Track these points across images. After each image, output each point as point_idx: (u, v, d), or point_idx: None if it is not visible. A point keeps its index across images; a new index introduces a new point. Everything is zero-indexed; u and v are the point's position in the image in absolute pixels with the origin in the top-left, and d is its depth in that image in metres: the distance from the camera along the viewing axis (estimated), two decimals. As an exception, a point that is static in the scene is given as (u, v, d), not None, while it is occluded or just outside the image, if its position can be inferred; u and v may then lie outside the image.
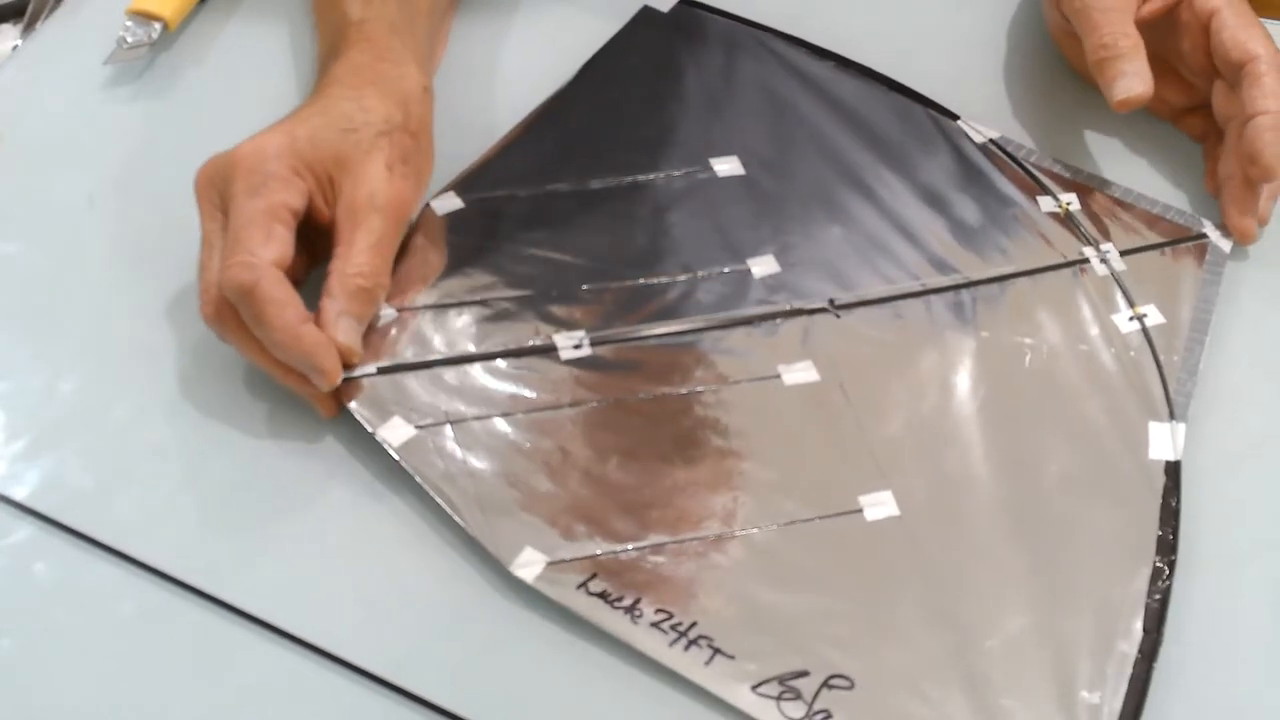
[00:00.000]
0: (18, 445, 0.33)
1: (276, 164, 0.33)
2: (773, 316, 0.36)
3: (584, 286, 0.36)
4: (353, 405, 0.33)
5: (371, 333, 0.34)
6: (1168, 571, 0.32)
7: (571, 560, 0.31)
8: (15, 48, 0.44)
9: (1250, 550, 0.33)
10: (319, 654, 0.30)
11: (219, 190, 0.34)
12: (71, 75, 0.43)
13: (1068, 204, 0.40)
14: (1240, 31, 0.38)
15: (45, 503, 0.32)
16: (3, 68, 0.43)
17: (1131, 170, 0.41)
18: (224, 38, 0.45)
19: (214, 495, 0.33)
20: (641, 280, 0.37)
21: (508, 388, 0.34)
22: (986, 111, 0.43)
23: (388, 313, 0.35)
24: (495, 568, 0.31)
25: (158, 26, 0.43)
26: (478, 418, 0.33)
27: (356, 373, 0.34)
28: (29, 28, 0.45)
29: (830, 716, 0.29)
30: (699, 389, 0.35)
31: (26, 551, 0.31)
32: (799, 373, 0.35)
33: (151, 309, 0.36)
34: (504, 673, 0.30)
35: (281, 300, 0.31)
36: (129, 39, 0.43)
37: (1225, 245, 0.39)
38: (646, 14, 0.45)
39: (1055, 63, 0.45)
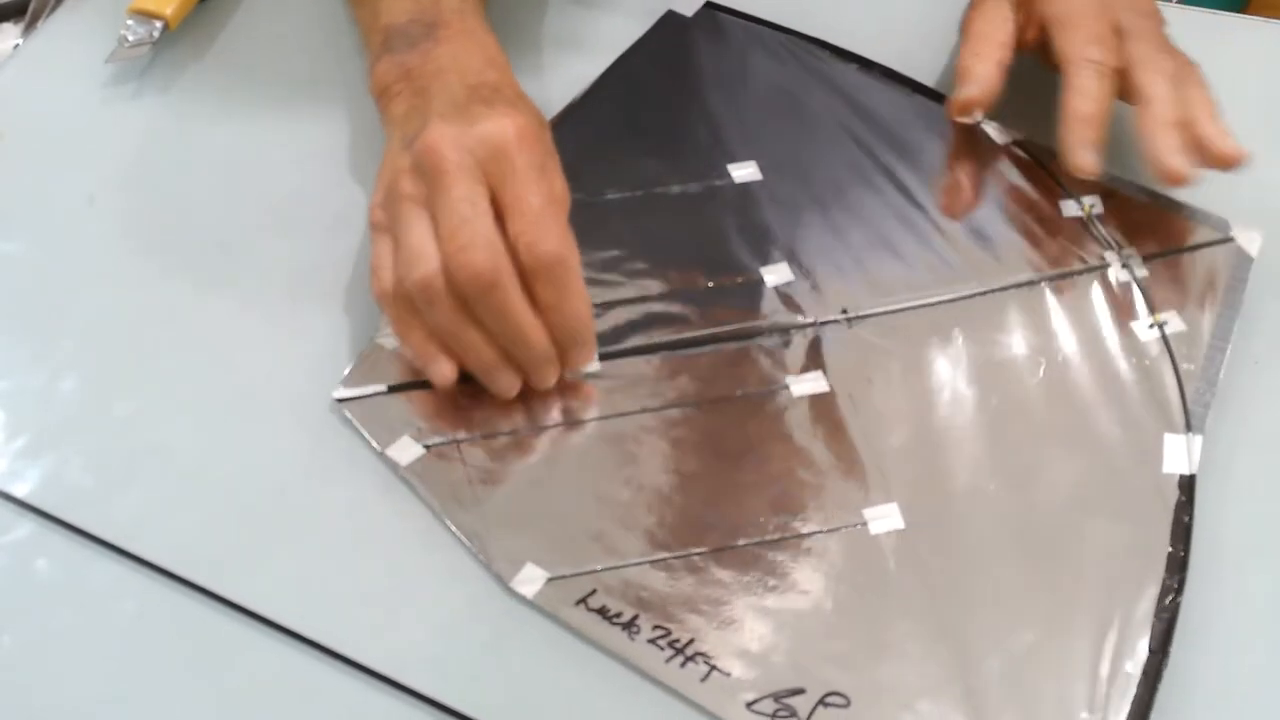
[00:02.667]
0: (18, 443, 0.37)
1: (545, 148, 0.36)
2: (785, 327, 0.39)
3: (596, 301, 0.39)
4: (361, 424, 0.36)
5: (382, 353, 0.38)
6: (1177, 590, 0.34)
7: (572, 576, 0.34)
8: (16, 47, 0.48)
9: (1265, 569, 0.35)
10: (321, 651, 0.33)
11: (479, 158, 0.35)
12: (73, 74, 0.46)
13: (1090, 207, 0.43)
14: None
15: (46, 500, 0.35)
16: (4, 67, 0.47)
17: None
18: (224, 37, 0.48)
19: (215, 493, 0.36)
20: (654, 292, 0.40)
21: (514, 405, 0.37)
22: (1009, 113, 0.45)
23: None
24: (495, 568, 0.34)
25: (159, 25, 0.47)
26: (485, 436, 0.36)
27: (367, 390, 0.37)
28: (30, 27, 0.49)
29: (824, 734, 0.31)
30: (707, 401, 0.38)
31: (27, 549, 0.35)
32: (808, 383, 0.38)
33: (152, 308, 0.40)
34: (506, 671, 0.33)
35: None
36: (130, 38, 0.46)
37: (1252, 250, 0.41)
38: (670, 18, 0.48)
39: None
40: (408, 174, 0.36)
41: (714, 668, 0.32)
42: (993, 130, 0.45)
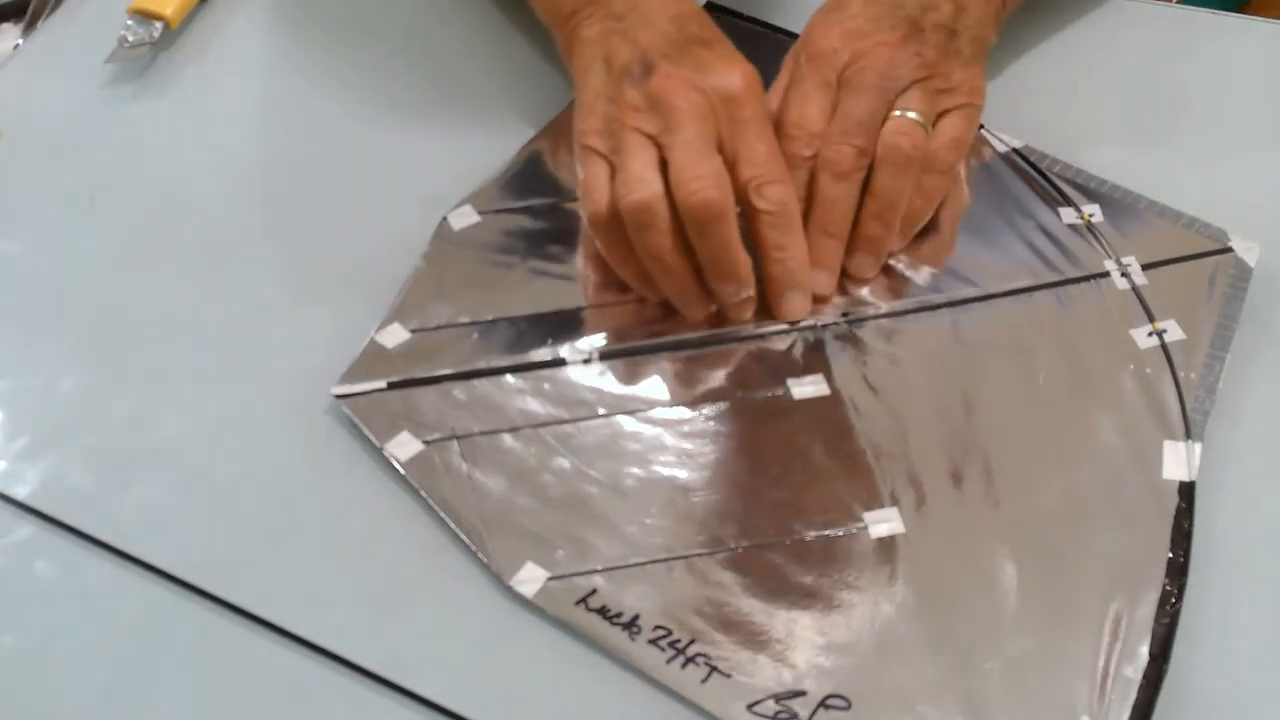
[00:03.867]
0: (18, 444, 0.37)
1: (764, 93, 0.38)
2: (785, 330, 0.40)
3: (596, 301, 0.40)
4: (360, 420, 0.37)
5: (381, 350, 0.38)
6: (1177, 595, 0.34)
7: (571, 575, 0.34)
8: (16, 47, 0.48)
9: (1265, 576, 0.35)
10: (320, 653, 0.33)
11: (712, 104, 0.37)
12: (72, 74, 0.47)
13: (1090, 215, 0.43)
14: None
15: (46, 502, 0.36)
16: (4, 67, 0.48)
17: (1157, 182, 0.44)
18: (225, 37, 0.49)
19: (215, 494, 0.36)
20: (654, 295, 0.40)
21: (515, 402, 0.37)
22: (1011, 120, 0.46)
23: (399, 330, 0.39)
24: (495, 569, 0.34)
25: (159, 25, 0.47)
26: (484, 433, 0.37)
27: (366, 387, 0.37)
28: (30, 27, 0.49)
29: (826, 736, 0.32)
30: (707, 403, 0.38)
31: (28, 551, 0.35)
32: (808, 386, 0.38)
33: (152, 308, 0.40)
34: (505, 672, 0.33)
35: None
36: (130, 38, 0.47)
37: (1250, 259, 0.42)
38: None
39: (1081, 72, 0.48)
40: (637, 110, 0.37)
41: (714, 669, 0.33)
42: (993, 138, 0.45)
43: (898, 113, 0.39)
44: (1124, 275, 0.41)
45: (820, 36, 0.41)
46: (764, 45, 0.48)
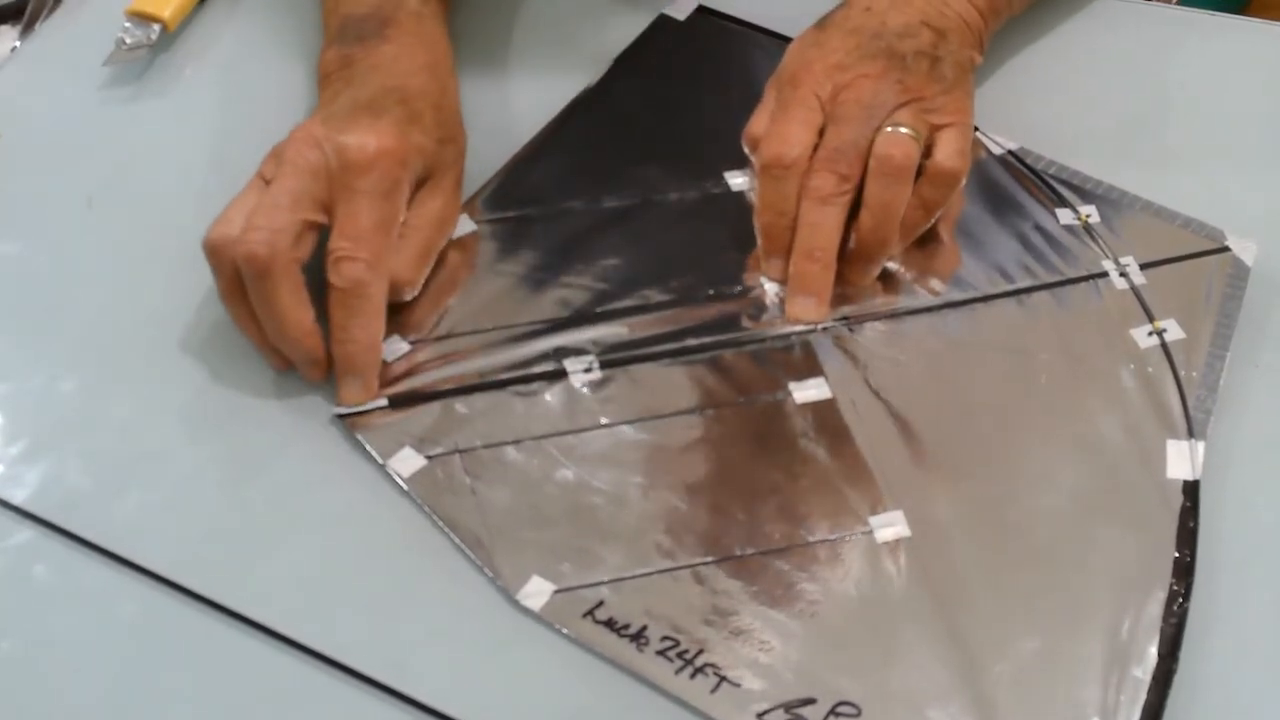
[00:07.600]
0: (17, 447, 0.35)
1: (404, 173, 0.36)
2: (786, 334, 0.38)
3: (596, 309, 0.38)
4: (362, 438, 0.35)
5: (382, 366, 0.37)
6: (1184, 595, 0.33)
7: (578, 588, 0.33)
8: (14, 49, 0.47)
9: (1271, 573, 0.34)
10: (319, 659, 0.31)
11: (329, 167, 0.35)
12: (71, 76, 0.45)
13: (1087, 216, 0.42)
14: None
15: (44, 506, 0.34)
16: (2, 68, 0.46)
17: (1153, 182, 0.43)
18: (223, 38, 0.47)
19: (214, 498, 0.34)
20: (653, 300, 0.39)
21: (517, 415, 0.36)
22: (1007, 122, 0.44)
23: (400, 345, 0.37)
24: (497, 573, 0.33)
25: (157, 28, 0.45)
26: (487, 446, 0.35)
27: (368, 404, 0.36)
28: (28, 29, 0.47)
29: (837, 743, 0.30)
30: (709, 409, 0.36)
31: (26, 555, 0.33)
32: (810, 390, 0.37)
33: (151, 309, 0.38)
34: (513, 682, 0.32)
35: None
36: (128, 40, 0.45)
37: (1248, 258, 0.40)
38: (662, 22, 0.47)
39: (1079, 73, 0.46)
40: (273, 155, 0.37)
41: (724, 678, 0.31)
42: (989, 140, 0.44)
43: (889, 128, 0.38)
44: (1122, 275, 0.40)
45: (802, 70, 0.40)
46: (754, 48, 0.47)
